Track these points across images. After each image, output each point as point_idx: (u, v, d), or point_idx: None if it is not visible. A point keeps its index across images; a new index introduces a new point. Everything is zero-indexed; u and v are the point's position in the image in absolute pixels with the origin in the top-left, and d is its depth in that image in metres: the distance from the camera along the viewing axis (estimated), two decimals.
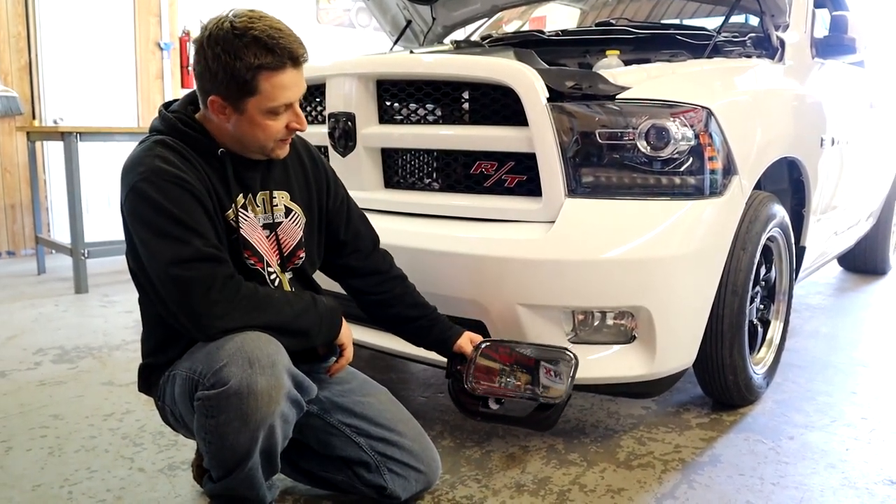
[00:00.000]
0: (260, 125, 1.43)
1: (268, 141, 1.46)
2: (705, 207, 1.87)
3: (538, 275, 1.80)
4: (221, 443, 1.35)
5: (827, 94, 2.74)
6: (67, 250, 4.10)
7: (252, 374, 1.30)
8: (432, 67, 2.07)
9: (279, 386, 1.34)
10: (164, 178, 1.36)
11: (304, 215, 1.62)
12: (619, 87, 1.88)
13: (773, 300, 2.44)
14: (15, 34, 4.93)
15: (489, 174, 2.00)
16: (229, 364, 1.30)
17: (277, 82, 1.39)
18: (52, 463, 1.91)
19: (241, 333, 1.36)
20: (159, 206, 1.35)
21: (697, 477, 1.84)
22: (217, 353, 1.33)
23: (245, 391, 1.29)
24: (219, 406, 1.31)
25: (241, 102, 1.40)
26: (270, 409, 1.33)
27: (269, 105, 1.40)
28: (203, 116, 1.48)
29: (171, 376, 1.47)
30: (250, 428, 1.32)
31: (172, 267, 1.33)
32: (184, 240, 1.35)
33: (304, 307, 1.48)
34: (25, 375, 2.61)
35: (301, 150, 1.68)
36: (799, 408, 2.31)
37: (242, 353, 1.31)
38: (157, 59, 5.71)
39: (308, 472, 1.70)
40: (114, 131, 4.40)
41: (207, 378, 1.32)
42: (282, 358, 1.36)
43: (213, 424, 1.33)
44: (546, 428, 1.78)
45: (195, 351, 1.42)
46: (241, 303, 1.37)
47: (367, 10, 3.46)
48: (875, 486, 1.80)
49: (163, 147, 1.41)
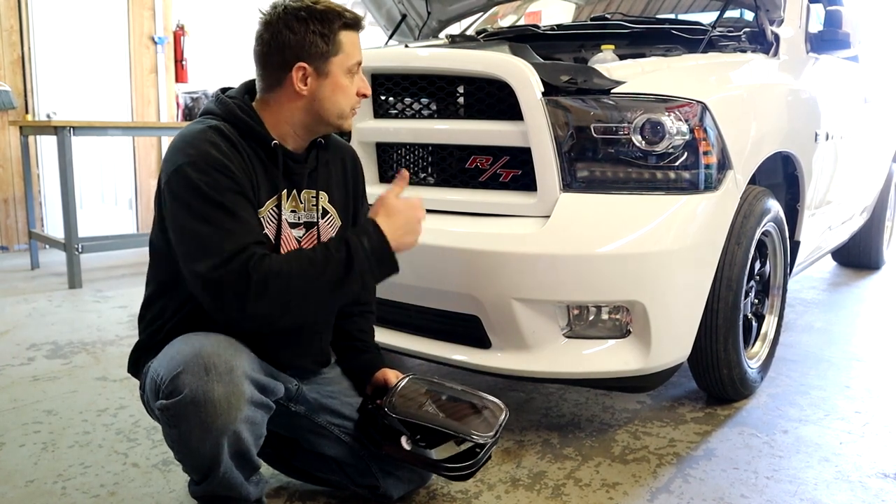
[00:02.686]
0: (341, 87, 1.45)
1: (347, 107, 1.47)
2: (700, 202, 1.87)
3: (533, 269, 1.80)
4: (187, 450, 1.33)
5: (821, 89, 2.74)
6: (61, 245, 4.08)
7: (208, 382, 1.26)
8: (427, 62, 2.07)
9: (238, 392, 1.29)
10: (211, 163, 1.33)
11: (339, 219, 1.60)
12: (614, 81, 1.87)
13: (767, 294, 2.44)
14: (7, 28, 4.90)
15: (484, 169, 2.00)
16: (185, 371, 1.27)
17: (354, 40, 1.45)
18: (46, 458, 1.90)
19: (202, 335, 1.33)
20: (200, 189, 1.32)
21: (692, 471, 1.85)
22: (176, 356, 1.30)
23: (201, 399, 1.26)
24: (177, 416, 1.28)
25: (326, 63, 1.42)
26: (231, 417, 1.29)
27: (350, 62, 1.44)
28: (260, 105, 1.46)
29: (147, 368, 1.44)
30: (213, 436, 1.29)
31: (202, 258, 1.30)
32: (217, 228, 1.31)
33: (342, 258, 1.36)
34: (19, 371, 2.60)
35: (345, 153, 1.66)
36: (793, 402, 2.31)
37: (198, 360, 1.28)
38: (150, 54, 5.68)
39: (301, 470, 1.70)
40: (107, 125, 4.39)
41: (165, 385, 1.29)
42: (240, 362, 1.32)
43: (175, 434, 1.31)
44: (464, 478, 1.56)
45: (168, 346, 1.38)
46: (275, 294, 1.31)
47: (363, 4, 3.45)
48: (869, 480, 1.81)
49: (215, 133, 1.38)
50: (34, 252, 4.56)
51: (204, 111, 1.48)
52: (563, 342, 1.87)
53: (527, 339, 1.85)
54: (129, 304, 3.59)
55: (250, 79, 1.51)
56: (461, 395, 1.61)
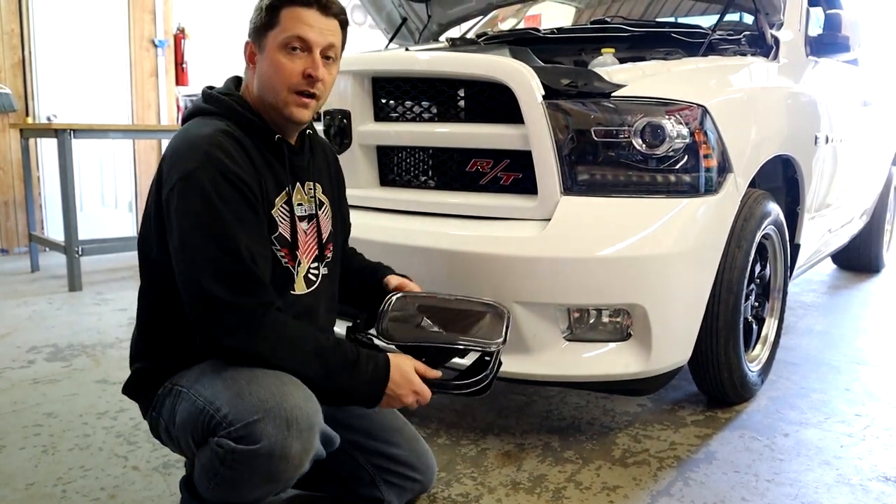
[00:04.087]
0: (275, 63, 1.37)
1: (282, 86, 1.38)
2: (700, 205, 1.88)
3: (534, 272, 1.80)
4: (232, 490, 1.28)
5: (821, 93, 2.74)
6: (61, 248, 4.08)
7: (288, 438, 1.21)
8: (428, 65, 2.07)
9: (311, 449, 1.27)
10: (224, 173, 1.29)
11: (331, 209, 1.60)
12: (614, 84, 1.88)
13: (767, 297, 2.44)
14: (8, 31, 4.90)
15: (485, 172, 2.00)
16: (264, 421, 1.20)
17: (297, 15, 1.37)
18: (46, 461, 1.90)
19: (277, 378, 1.26)
20: (211, 202, 1.27)
21: (693, 474, 1.85)
22: (249, 398, 1.23)
23: (278, 455, 1.21)
24: (243, 462, 1.22)
25: (263, 38, 1.38)
26: (298, 472, 1.27)
27: (284, 36, 1.36)
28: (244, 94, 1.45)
29: (176, 392, 1.36)
30: (272, 486, 1.27)
31: (205, 276, 1.26)
32: (227, 248, 1.27)
33: (340, 364, 1.33)
34: (19, 373, 2.60)
35: (326, 147, 1.67)
36: (793, 405, 2.31)
37: (280, 411, 1.21)
38: (151, 57, 5.69)
39: (302, 482, 1.69)
40: (108, 128, 4.38)
41: (235, 428, 1.22)
42: (319, 418, 1.28)
43: (228, 475, 1.25)
44: (481, 392, 1.45)
45: (215, 377, 1.30)
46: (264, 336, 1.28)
47: (363, 7, 3.45)
48: (869, 483, 1.81)
49: (223, 135, 1.34)
50: (34, 255, 4.56)
51: (195, 111, 1.44)
52: (564, 345, 1.87)
53: (527, 341, 1.85)
54: (129, 307, 3.59)
55: (235, 75, 1.50)
56: (457, 304, 1.52)
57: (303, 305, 1.47)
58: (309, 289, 1.51)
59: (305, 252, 1.49)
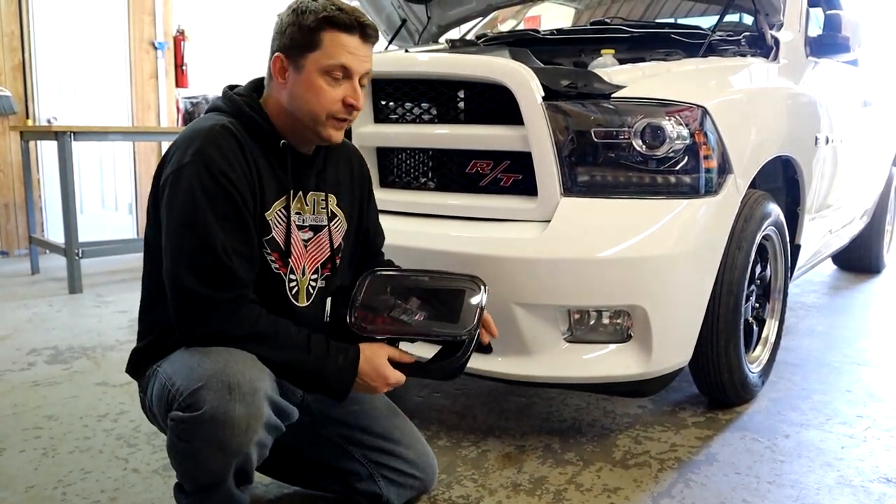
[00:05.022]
0: (315, 87, 1.37)
1: (321, 111, 1.38)
2: (701, 206, 1.87)
3: (534, 274, 1.80)
4: (194, 465, 1.29)
5: (821, 93, 2.74)
6: (61, 250, 4.08)
7: (230, 402, 1.22)
8: (428, 66, 2.07)
9: (258, 415, 1.27)
10: (210, 169, 1.30)
11: (345, 222, 1.59)
12: (614, 85, 1.88)
13: (768, 298, 2.44)
14: (8, 33, 4.90)
15: (485, 173, 2.00)
16: (206, 387, 1.23)
17: (340, 41, 1.36)
18: (46, 464, 1.90)
19: (225, 351, 1.29)
20: (195, 196, 1.29)
21: (694, 476, 1.84)
22: (197, 369, 1.26)
23: (221, 418, 1.22)
24: (192, 430, 1.24)
25: (301, 58, 1.36)
26: (247, 438, 1.27)
27: (328, 62, 1.36)
28: (265, 101, 1.44)
29: (155, 372, 1.40)
30: (225, 455, 1.27)
31: (182, 266, 1.29)
32: (204, 242, 1.29)
33: (313, 357, 1.37)
34: (19, 376, 2.60)
35: (351, 154, 1.66)
36: (794, 406, 2.31)
37: (222, 377, 1.24)
38: (151, 59, 5.69)
39: (302, 479, 1.69)
40: (108, 130, 4.39)
41: (183, 398, 1.25)
42: (264, 384, 1.29)
43: (184, 447, 1.27)
44: (451, 375, 1.48)
45: (179, 355, 1.34)
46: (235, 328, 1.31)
47: (362, 9, 3.45)
48: (871, 484, 1.81)
49: (223, 132, 1.35)
50: (34, 257, 4.56)
51: (211, 107, 1.46)
52: (564, 346, 1.87)
53: (528, 343, 1.85)
54: (130, 309, 3.59)
55: (258, 77, 1.50)
56: (431, 283, 1.50)
57: (304, 319, 1.47)
58: (309, 301, 1.52)
59: (304, 262, 1.50)
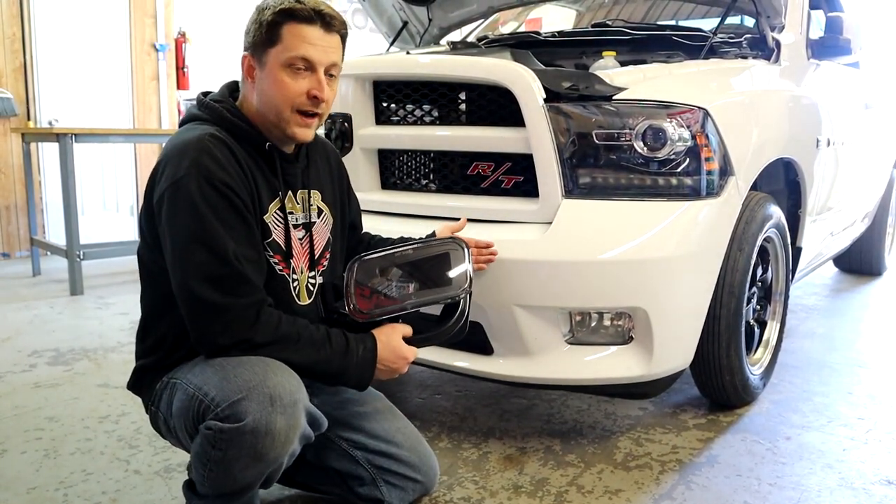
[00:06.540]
0: (277, 81, 1.37)
1: (285, 105, 1.38)
2: (702, 208, 1.87)
3: (535, 276, 1.80)
4: (225, 474, 1.29)
5: (822, 95, 2.74)
6: (62, 252, 4.08)
7: (272, 413, 1.24)
8: (429, 68, 2.07)
9: (297, 426, 1.29)
10: (210, 180, 1.30)
11: (331, 216, 1.60)
12: (615, 87, 1.88)
13: (769, 301, 2.44)
14: (10, 35, 4.91)
15: (486, 175, 2.00)
16: (248, 398, 1.24)
17: (300, 32, 1.36)
18: (48, 465, 1.90)
19: (261, 361, 1.29)
20: (198, 209, 1.29)
21: (695, 478, 1.84)
22: (235, 380, 1.26)
23: (263, 430, 1.24)
24: (231, 441, 1.25)
25: (264, 54, 1.38)
26: (284, 450, 1.29)
27: (287, 55, 1.36)
28: (241, 104, 1.45)
29: (172, 385, 1.40)
30: (262, 466, 1.28)
31: (196, 280, 1.29)
32: (215, 252, 1.29)
33: (336, 354, 1.39)
34: (20, 377, 2.60)
35: (328, 149, 1.67)
36: (796, 408, 2.31)
37: (263, 389, 1.24)
38: (152, 61, 5.69)
39: (303, 482, 1.69)
40: (109, 132, 4.40)
41: (222, 409, 1.25)
42: (302, 395, 1.31)
43: (219, 456, 1.27)
44: (457, 336, 1.53)
45: (206, 366, 1.34)
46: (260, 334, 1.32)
47: (364, 11, 3.46)
48: (872, 487, 1.81)
49: (213, 141, 1.34)
50: (36, 259, 4.56)
51: (189, 117, 1.45)
52: (566, 348, 1.87)
53: (529, 345, 1.85)
54: (131, 311, 3.59)
55: (232, 80, 1.50)
56: (415, 255, 1.54)
57: (307, 317, 1.47)
58: (310, 299, 1.52)
59: (301, 260, 1.51)
